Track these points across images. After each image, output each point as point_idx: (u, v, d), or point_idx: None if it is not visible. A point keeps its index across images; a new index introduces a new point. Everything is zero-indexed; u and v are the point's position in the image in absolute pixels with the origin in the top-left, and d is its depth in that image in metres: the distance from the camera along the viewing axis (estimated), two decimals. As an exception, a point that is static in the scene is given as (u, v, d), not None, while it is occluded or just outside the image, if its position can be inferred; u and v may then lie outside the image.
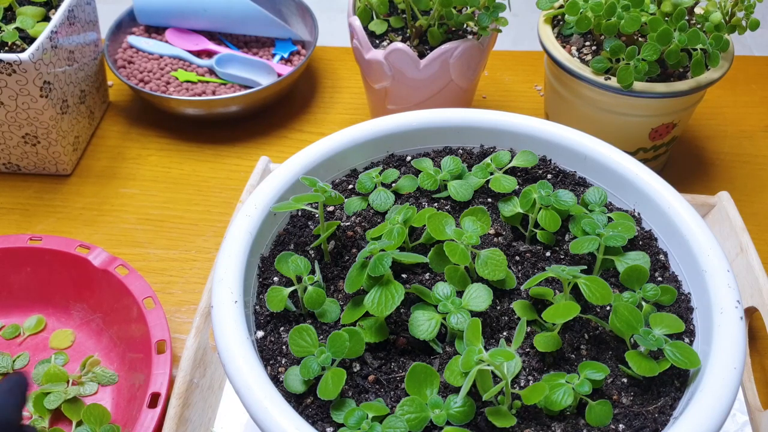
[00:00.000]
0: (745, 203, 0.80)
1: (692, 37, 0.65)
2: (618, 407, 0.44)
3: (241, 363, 0.43)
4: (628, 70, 0.66)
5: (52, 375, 0.62)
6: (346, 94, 0.96)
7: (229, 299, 0.47)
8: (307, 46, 0.95)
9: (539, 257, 0.52)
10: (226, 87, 0.90)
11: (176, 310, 0.70)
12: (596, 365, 0.43)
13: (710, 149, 0.88)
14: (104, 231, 0.78)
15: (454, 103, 0.78)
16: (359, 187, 0.56)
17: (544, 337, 0.45)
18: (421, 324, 0.44)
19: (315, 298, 0.47)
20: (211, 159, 0.86)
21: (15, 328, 0.67)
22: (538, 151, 0.59)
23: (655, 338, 0.44)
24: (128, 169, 0.85)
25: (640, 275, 0.49)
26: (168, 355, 0.58)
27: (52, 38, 0.73)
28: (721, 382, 0.42)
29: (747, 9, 0.68)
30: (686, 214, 0.52)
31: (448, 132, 0.60)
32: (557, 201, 0.52)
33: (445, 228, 0.48)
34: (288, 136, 0.90)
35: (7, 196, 0.82)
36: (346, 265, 0.51)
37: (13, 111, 0.74)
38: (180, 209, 0.81)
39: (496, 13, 0.71)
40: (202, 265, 0.75)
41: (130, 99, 0.94)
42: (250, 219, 0.52)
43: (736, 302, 0.46)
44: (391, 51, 0.72)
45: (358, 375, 0.45)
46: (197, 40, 0.95)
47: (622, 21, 0.66)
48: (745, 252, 0.63)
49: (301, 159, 0.56)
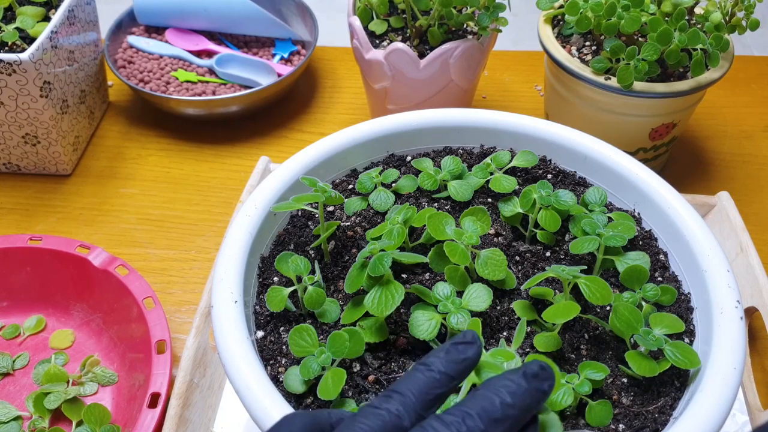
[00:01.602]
0: (745, 203, 0.80)
1: (692, 37, 0.65)
2: (618, 407, 0.44)
3: (241, 363, 0.43)
4: (628, 70, 0.66)
5: (52, 375, 0.62)
6: (346, 94, 0.96)
7: (229, 299, 0.47)
8: (307, 46, 0.95)
9: (539, 257, 0.52)
10: (226, 87, 0.90)
11: (176, 310, 0.70)
12: (596, 365, 0.43)
13: (710, 149, 0.88)
14: (104, 231, 0.78)
15: (454, 103, 0.78)
16: (359, 187, 0.56)
17: (544, 337, 0.45)
18: (421, 324, 0.44)
19: (315, 298, 0.47)
20: (211, 159, 0.86)
21: (15, 328, 0.67)
22: (538, 151, 0.59)
23: (655, 338, 0.44)
24: (128, 169, 0.85)
25: (640, 275, 0.49)
26: (168, 355, 0.58)
27: (52, 38, 0.73)
28: (721, 382, 0.42)
29: (747, 9, 0.68)
30: (686, 214, 0.52)
31: (448, 132, 0.60)
32: (557, 201, 0.52)
33: (445, 228, 0.48)
34: (288, 136, 0.90)
35: (7, 196, 0.82)
36: (346, 265, 0.51)
37: (13, 111, 0.75)
38: (180, 209, 0.81)
39: (496, 13, 0.71)
40: (202, 265, 0.75)
41: (130, 99, 0.94)
42: (250, 219, 0.52)
43: (736, 302, 0.46)
44: (391, 51, 0.72)
45: (358, 375, 0.45)
46: (197, 40, 0.95)
47: (622, 21, 0.66)
48: (745, 252, 0.63)
49: (301, 159, 0.56)
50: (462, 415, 0.30)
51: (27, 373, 0.64)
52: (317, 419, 0.32)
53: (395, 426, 0.30)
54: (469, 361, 0.32)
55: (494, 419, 0.29)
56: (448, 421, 0.29)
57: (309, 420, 0.32)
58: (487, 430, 0.29)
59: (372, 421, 0.30)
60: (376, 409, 0.30)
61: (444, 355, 0.32)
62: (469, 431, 0.29)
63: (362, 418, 0.30)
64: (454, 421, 0.29)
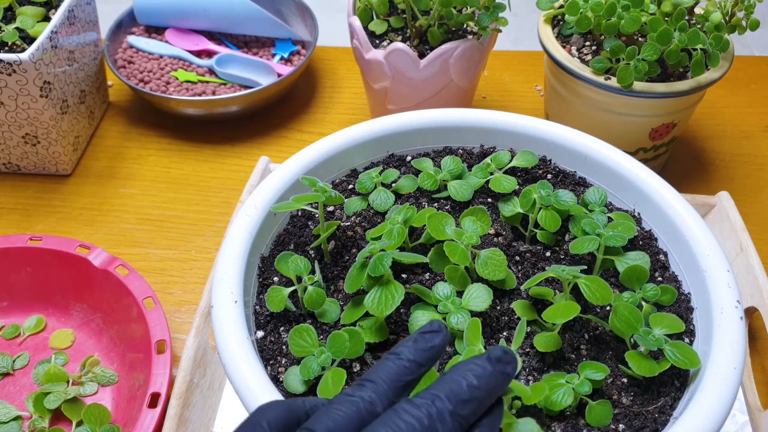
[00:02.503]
0: (745, 203, 0.80)
1: (692, 37, 0.65)
2: (618, 407, 0.44)
3: (241, 363, 0.43)
4: (628, 70, 0.66)
5: (52, 375, 0.62)
6: (346, 94, 0.96)
7: (229, 299, 0.47)
8: (307, 46, 0.95)
9: (539, 257, 0.52)
10: (226, 87, 0.90)
11: (176, 310, 0.70)
12: (596, 365, 0.43)
13: (710, 149, 0.88)
14: (104, 231, 0.78)
15: (454, 103, 0.78)
16: (359, 187, 0.56)
17: (544, 337, 0.45)
18: (421, 324, 0.44)
19: (315, 298, 0.47)
20: (211, 159, 0.86)
21: (15, 328, 0.67)
22: (538, 151, 0.59)
23: (655, 338, 0.44)
24: (128, 169, 0.85)
25: (640, 275, 0.49)
26: (168, 355, 0.58)
27: (52, 38, 0.73)
28: (721, 382, 0.42)
29: (747, 9, 0.68)
30: (686, 214, 0.52)
31: (448, 132, 0.60)
32: (557, 201, 0.52)
33: (445, 228, 0.48)
34: (288, 136, 0.90)
35: (7, 196, 0.82)
36: (346, 265, 0.51)
37: (13, 111, 0.74)
38: (180, 209, 0.81)
39: (496, 13, 0.71)
40: (202, 265, 0.75)
41: (130, 99, 0.94)
42: (250, 219, 0.52)
43: (736, 302, 0.46)
44: (391, 51, 0.72)
45: (358, 375, 0.45)
46: (197, 40, 0.95)
47: (622, 21, 0.66)
48: (745, 252, 0.63)
49: (301, 159, 0.56)
50: (431, 397, 0.31)
51: (27, 373, 0.64)
52: (292, 407, 0.33)
53: (369, 412, 0.31)
54: (435, 348, 0.34)
55: (462, 400, 0.31)
56: (419, 404, 0.31)
57: (284, 408, 0.33)
58: (455, 410, 0.31)
59: (347, 408, 0.31)
60: (350, 396, 0.32)
61: (412, 344, 0.34)
62: (439, 412, 0.31)
63: (338, 405, 0.31)
64: (424, 404, 0.31)
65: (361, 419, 0.31)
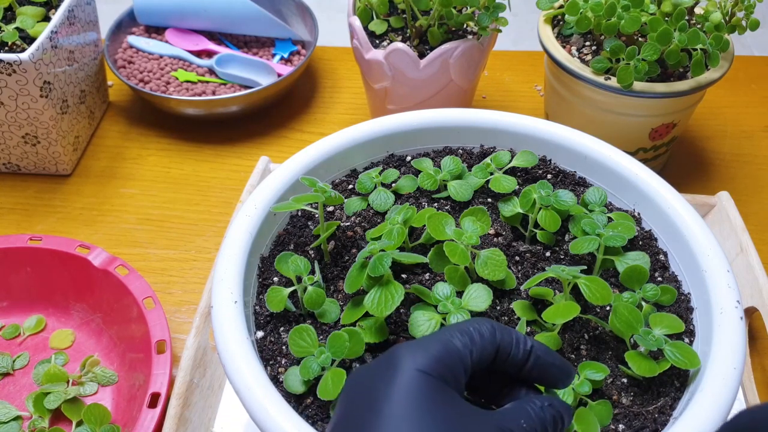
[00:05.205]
0: (745, 203, 0.80)
1: (692, 37, 0.65)
2: (618, 407, 0.44)
3: (241, 363, 0.43)
4: (628, 70, 0.66)
5: (52, 375, 0.62)
6: (346, 94, 0.96)
7: (229, 299, 0.47)
8: (307, 46, 0.95)
9: (539, 257, 0.52)
10: (226, 87, 0.90)
11: (176, 310, 0.70)
12: (596, 365, 0.43)
13: (710, 149, 0.88)
14: (104, 231, 0.78)
15: (454, 103, 0.78)
16: (359, 187, 0.56)
17: (544, 337, 0.45)
18: (421, 324, 0.44)
19: (315, 298, 0.47)
20: (211, 159, 0.86)
21: (15, 328, 0.67)
22: (538, 151, 0.59)
23: (655, 338, 0.44)
24: (128, 169, 0.85)
25: (640, 275, 0.49)
26: (168, 355, 0.58)
27: (52, 38, 0.73)
28: (721, 383, 0.42)
29: (747, 9, 0.68)
30: (686, 214, 0.52)
31: (448, 132, 0.60)
32: (557, 201, 0.52)
33: (445, 228, 0.48)
34: (288, 136, 0.90)
35: (7, 196, 0.82)
36: (346, 265, 0.51)
37: (13, 111, 0.74)
38: (180, 209, 0.81)
39: (496, 13, 0.71)
40: (202, 265, 0.75)
41: (130, 99, 0.94)
42: (250, 219, 0.52)
43: (736, 302, 0.46)
44: (391, 51, 0.72)
45: (358, 375, 0.45)
46: (197, 40, 0.95)
47: (622, 21, 0.66)
48: (745, 252, 0.63)
49: (301, 159, 0.56)
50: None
51: (27, 373, 0.64)
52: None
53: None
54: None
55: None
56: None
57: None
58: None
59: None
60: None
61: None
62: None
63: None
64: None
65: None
